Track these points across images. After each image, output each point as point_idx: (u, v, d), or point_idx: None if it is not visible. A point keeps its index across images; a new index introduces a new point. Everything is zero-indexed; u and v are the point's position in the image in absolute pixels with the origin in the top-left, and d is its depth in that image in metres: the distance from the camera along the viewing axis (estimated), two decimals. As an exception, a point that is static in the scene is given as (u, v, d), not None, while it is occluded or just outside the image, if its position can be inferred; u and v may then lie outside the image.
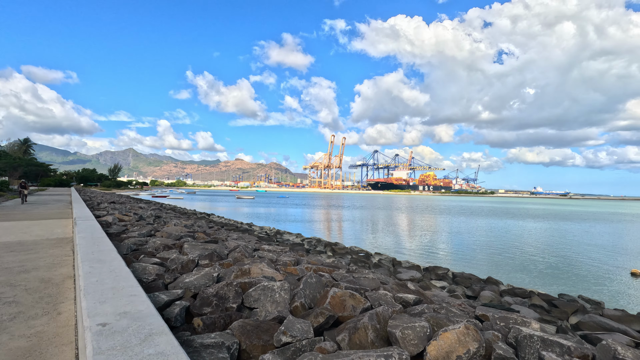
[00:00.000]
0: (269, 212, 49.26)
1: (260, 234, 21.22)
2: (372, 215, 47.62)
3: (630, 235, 31.08)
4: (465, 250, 20.81)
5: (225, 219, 31.21)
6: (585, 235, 30.13)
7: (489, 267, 16.33)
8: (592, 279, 14.81)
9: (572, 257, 19.66)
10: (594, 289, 13.23)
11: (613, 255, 20.34)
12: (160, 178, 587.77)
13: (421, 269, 12.81)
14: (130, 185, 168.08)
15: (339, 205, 73.06)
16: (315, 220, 37.99)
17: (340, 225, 33.60)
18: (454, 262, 17.00)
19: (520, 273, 15.50)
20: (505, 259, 18.49)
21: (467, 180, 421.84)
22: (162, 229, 11.76)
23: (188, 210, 38.90)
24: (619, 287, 13.64)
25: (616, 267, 17.03)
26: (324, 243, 18.26)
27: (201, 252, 7.79)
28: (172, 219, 16.54)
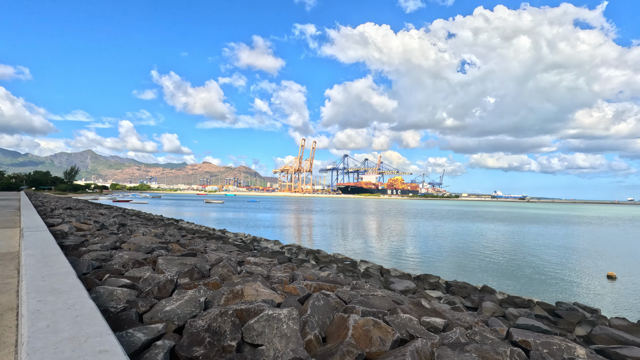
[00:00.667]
0: (240, 217, 47.53)
1: (235, 241, 19.94)
2: (347, 220, 47.22)
3: (596, 238, 32.63)
4: (446, 256, 20.65)
5: (196, 225, 29.44)
6: (555, 238, 31.23)
7: (474, 273, 16.12)
8: (572, 283, 14.94)
9: (549, 260, 20.02)
10: (577, 294, 13.27)
11: (585, 258, 20.96)
12: (121, 181, 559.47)
13: (412, 278, 12.24)
14: (89, 189, 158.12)
15: (312, 210, 72.27)
16: (291, 226, 36.92)
17: (317, 230, 32.77)
18: (439, 269, 16.66)
19: (505, 278, 15.39)
20: (487, 264, 18.45)
21: (433, 184, 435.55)
22: (128, 239, 10.37)
23: (154, 216, 36.50)
24: (599, 291, 13.79)
25: (591, 270, 17.43)
26: (305, 251, 17.34)
27: (179, 268, 6.67)
28: (139, 227, 14.97)
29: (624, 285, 14.58)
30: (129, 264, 6.90)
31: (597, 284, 14.86)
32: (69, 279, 4.15)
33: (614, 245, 27.55)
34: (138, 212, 42.61)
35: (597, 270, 17.56)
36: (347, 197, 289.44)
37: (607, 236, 34.22)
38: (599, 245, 26.83)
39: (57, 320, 2.77)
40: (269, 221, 42.05)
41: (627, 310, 11.05)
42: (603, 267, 18.20)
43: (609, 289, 14.24)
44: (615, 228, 44.48)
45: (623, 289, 14.02)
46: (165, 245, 9.16)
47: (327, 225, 38.07)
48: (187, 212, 54.09)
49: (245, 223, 38.28)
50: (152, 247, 8.72)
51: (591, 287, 14.32)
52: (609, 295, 12.99)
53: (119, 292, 5.01)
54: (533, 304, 9.51)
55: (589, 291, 13.75)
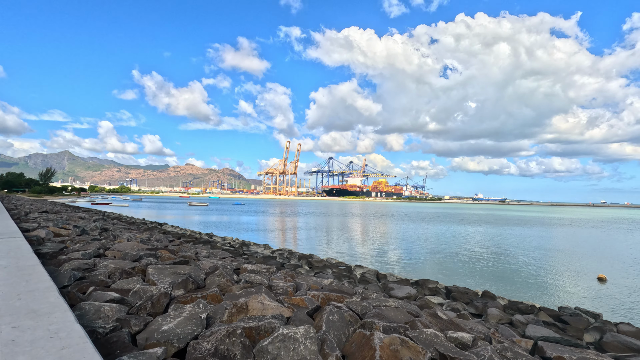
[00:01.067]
0: (226, 220, 46.51)
1: (224, 246, 19.25)
2: (336, 223, 46.88)
3: (581, 240, 33.32)
4: (439, 259, 20.52)
5: (181, 229, 28.46)
6: (541, 241, 31.71)
7: (468, 277, 15.98)
8: (566, 286, 14.98)
9: (538, 262, 20.15)
10: (572, 297, 13.25)
11: (573, 260, 21.22)
12: (100, 184, 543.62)
13: (410, 283, 11.93)
14: (66, 191, 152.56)
15: (299, 213, 71.67)
16: (279, 229, 36.28)
17: (306, 234, 32.25)
18: (434, 273, 16.46)
19: (499, 282, 15.30)
20: (480, 267, 18.39)
21: (416, 187, 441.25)
22: (112, 245, 9.65)
23: (136, 219, 35.20)
24: (594, 294, 13.84)
25: (581, 273, 17.58)
26: (297, 255, 16.83)
27: (172, 278, 6.10)
28: (123, 232, 14.15)
29: (616, 288, 14.70)
30: (116, 274, 6.27)
31: (589, 287, 14.93)
32: (50, 296, 3.58)
33: (598, 247, 28.15)
34: (119, 215, 41.08)
35: (586, 272, 17.73)
36: (332, 199, 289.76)
37: (590, 238, 35.04)
38: (585, 247, 27.35)
39: (38, 355, 2.24)
40: (256, 224, 41.27)
41: (627, 314, 11.03)
42: (592, 269, 18.41)
43: (602, 291, 14.31)
44: (596, 230, 45.73)
45: (616, 292, 14.11)
46: (153, 252, 8.52)
47: (315, 229, 37.62)
48: (170, 216, 52.60)
49: (232, 226, 37.39)
50: (139, 255, 8.07)
51: (585, 290, 14.36)
52: (604, 299, 13.02)
53: (107, 309, 4.44)
54: (536, 310, 9.32)
55: (583, 294, 13.77)
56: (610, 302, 12.59)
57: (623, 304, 12.38)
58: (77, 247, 9.10)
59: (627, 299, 13.08)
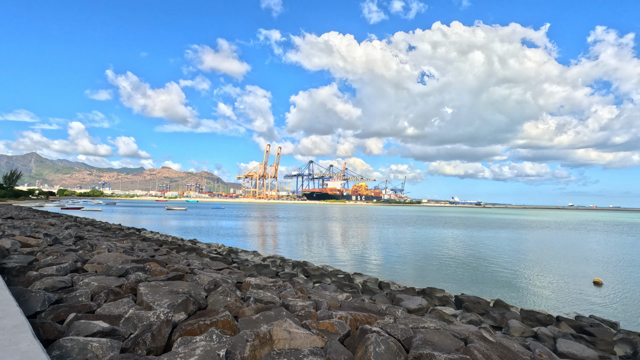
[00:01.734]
0: (208, 225, 44.86)
1: (210, 253, 18.09)
2: (321, 227, 46.12)
3: (567, 242, 33.94)
4: (435, 264, 20.11)
5: (162, 235, 26.90)
6: (528, 244, 32.06)
7: (469, 283, 15.57)
8: (565, 291, 14.79)
9: (531, 266, 20.09)
10: (575, 304, 13.02)
11: (564, 264, 21.32)
12: (70, 187, 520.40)
13: (416, 292, 11.31)
14: (33, 195, 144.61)
15: (282, 217, 70.47)
16: (265, 235, 35.13)
17: (294, 239, 31.29)
18: (435, 279, 15.96)
19: (497, 287, 14.96)
20: (474, 272, 18.08)
21: (395, 190, 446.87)
22: (91, 257, 8.50)
23: (112, 225, 33.20)
24: (596, 299, 13.67)
25: (576, 277, 17.55)
26: (291, 263, 15.93)
27: (170, 299, 5.14)
28: (101, 240, 12.85)
29: (614, 292, 14.64)
30: (101, 294, 5.24)
31: (588, 292, 14.81)
32: (20, 339, 2.62)
33: (585, 249, 28.66)
34: (92, 220, 38.79)
35: (580, 276, 17.72)
36: (313, 203, 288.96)
37: (576, 241, 35.83)
38: (572, 250, 27.76)
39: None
40: (239, 230, 39.91)
41: (635, 320, 10.80)
42: (585, 273, 18.45)
43: (603, 296, 14.19)
44: (577, 232, 47.04)
45: (614, 296, 14.02)
46: (141, 265, 7.46)
47: (302, 233, 36.71)
48: (147, 221, 50.31)
49: (215, 232, 35.93)
50: (125, 268, 7.01)
51: (584, 295, 14.20)
52: (608, 305, 12.84)
53: (95, 346, 3.48)
54: (554, 319, 8.87)
55: (584, 300, 13.58)
56: (613, 308, 12.41)
57: (626, 309, 12.21)
58: (50, 259, 7.92)
59: (628, 303, 12.96)
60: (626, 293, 14.53)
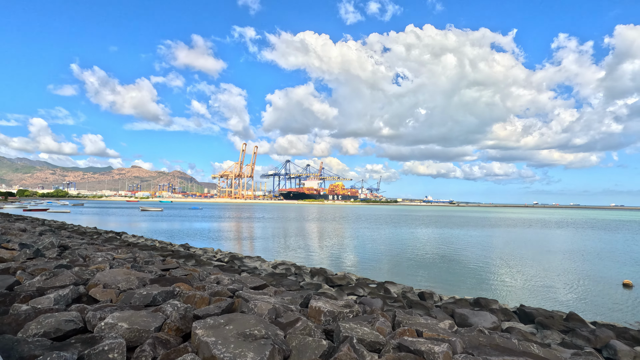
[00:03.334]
0: (191, 227, 42.12)
1: (210, 260, 16.07)
2: (310, 228, 44.46)
3: (565, 240, 34.01)
4: (450, 267, 19.00)
5: (146, 239, 24.35)
6: (536, 244, 31.80)
7: (501, 289, 14.47)
8: (595, 295, 14.00)
9: (553, 268, 19.38)
10: (622, 310, 12.14)
11: (592, 265, 20.69)
12: (31, 187, 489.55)
13: (469, 303, 9.96)
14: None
15: (266, 217, 68.21)
16: (257, 237, 33.03)
17: (291, 241, 29.45)
18: (460, 285, 14.76)
19: (526, 293, 13.94)
20: (494, 276, 17.10)
21: (371, 189, 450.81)
22: (92, 276, 6.51)
23: (86, 228, 30.09)
24: (624, 302, 12.90)
25: (605, 278, 16.89)
26: (308, 271, 14.22)
27: (252, 349, 3.41)
28: (89, 249, 10.65)
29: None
30: (144, 347, 3.42)
31: (622, 295, 14.07)
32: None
33: (595, 248, 28.58)
34: (62, 223, 35.29)
35: (609, 278, 17.08)
36: (290, 202, 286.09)
37: (575, 238, 36.08)
38: (578, 248, 27.61)
39: None
40: (229, 231, 37.55)
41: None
42: (611, 275, 17.85)
43: (634, 299, 13.47)
44: (576, 231, 47.88)
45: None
46: (169, 289, 5.57)
47: (295, 235, 34.92)
48: (123, 223, 46.80)
49: (202, 235, 33.47)
50: (151, 295, 5.13)
51: (620, 300, 13.42)
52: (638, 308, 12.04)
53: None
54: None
55: (623, 304, 12.75)
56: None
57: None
58: (38, 281, 5.89)
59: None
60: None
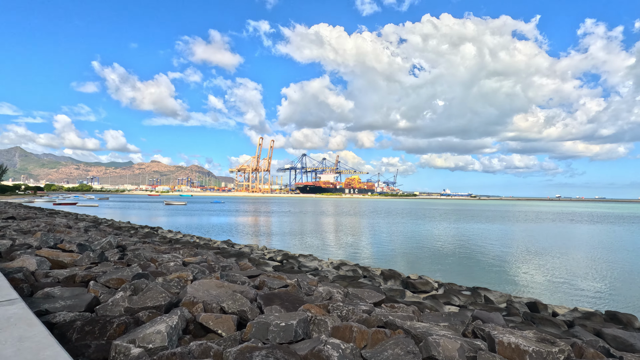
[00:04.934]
0: (220, 221, 41.32)
1: (261, 258, 14.73)
2: (340, 222, 42.97)
3: (609, 236, 31.43)
4: (479, 262, 17.14)
5: (183, 234, 23.38)
6: (597, 239, 29.45)
7: (540, 288, 12.59)
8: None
9: (600, 263, 17.28)
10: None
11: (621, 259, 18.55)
12: (57, 182, 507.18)
13: (600, 317, 8.22)
14: (19, 190, 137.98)
15: (290, 211, 67.18)
16: (295, 233, 31.72)
17: (332, 237, 27.97)
18: (497, 282, 12.96)
19: (565, 290, 12.00)
20: (535, 273, 15.15)
21: (388, 183, 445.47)
22: (179, 289, 5.14)
23: (121, 223, 29.47)
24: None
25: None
26: (377, 273, 12.68)
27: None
28: (147, 249, 9.41)
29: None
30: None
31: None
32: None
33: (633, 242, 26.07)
34: (94, 217, 34.95)
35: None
36: (307, 196, 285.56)
37: (615, 234, 33.39)
38: (623, 244, 25.17)
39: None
40: (260, 226, 36.46)
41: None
42: None
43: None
44: (606, 225, 44.84)
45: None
46: (303, 316, 4.09)
47: (334, 231, 33.46)
48: (152, 217, 46.49)
49: (235, 229, 32.46)
50: (292, 328, 3.71)
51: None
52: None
53: None
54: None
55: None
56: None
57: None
58: (123, 299, 4.53)
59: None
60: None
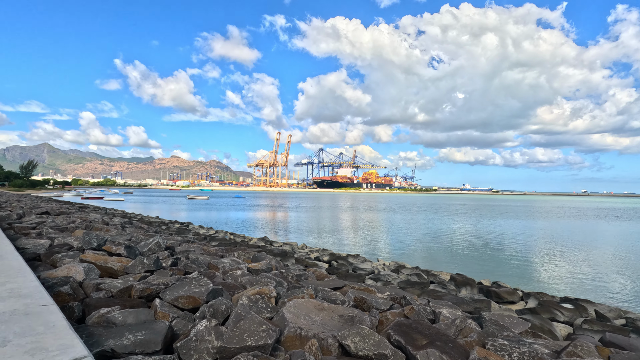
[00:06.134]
0: (247, 217, 40.57)
1: (308, 259, 13.48)
2: (371, 218, 41.48)
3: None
4: (540, 265, 15.34)
5: (215, 230, 22.50)
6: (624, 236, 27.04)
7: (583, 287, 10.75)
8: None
9: None
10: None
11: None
12: (83, 177, 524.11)
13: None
14: (48, 184, 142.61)
15: (317, 207, 66.11)
16: (327, 229, 30.47)
17: (368, 234, 26.61)
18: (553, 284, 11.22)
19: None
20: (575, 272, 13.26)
21: (406, 177, 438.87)
22: (273, 313, 3.91)
23: (150, 218, 29.00)
24: None
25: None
26: (446, 278, 11.25)
27: None
28: (195, 251, 8.31)
29: None
30: None
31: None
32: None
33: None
34: (123, 212, 34.74)
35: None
36: (325, 191, 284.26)
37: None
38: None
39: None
40: (290, 222, 35.34)
41: None
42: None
43: None
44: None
45: None
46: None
47: (367, 227, 32.03)
48: (178, 211, 46.30)
49: (264, 225, 31.52)
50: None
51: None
52: None
53: None
54: None
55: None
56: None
57: None
58: (207, 330, 3.29)
59: None
60: None
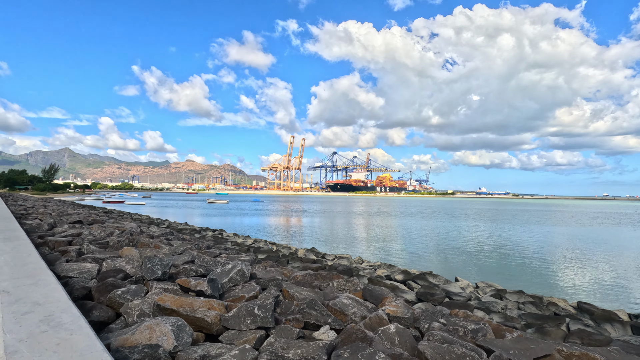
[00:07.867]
0: (271, 223, 39.22)
1: (375, 276, 11.80)
2: (397, 224, 39.55)
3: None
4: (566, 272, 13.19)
5: (253, 239, 21.08)
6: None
7: None
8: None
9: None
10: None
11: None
12: (101, 180, 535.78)
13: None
14: (69, 188, 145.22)
15: (336, 211, 64.38)
16: (366, 237, 28.76)
17: (401, 244, 24.82)
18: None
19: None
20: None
21: (420, 181, 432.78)
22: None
23: (178, 224, 27.86)
24: None
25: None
26: (513, 298, 9.44)
27: None
28: (282, 279, 6.79)
29: None
30: None
31: None
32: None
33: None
34: (147, 217, 33.87)
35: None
36: (340, 194, 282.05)
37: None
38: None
39: None
40: (324, 229, 33.62)
41: None
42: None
43: None
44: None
45: None
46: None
47: (406, 236, 30.20)
48: (201, 216, 45.32)
49: (298, 232, 30.02)
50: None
51: None
52: None
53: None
54: None
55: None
56: None
57: None
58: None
59: None
60: None
